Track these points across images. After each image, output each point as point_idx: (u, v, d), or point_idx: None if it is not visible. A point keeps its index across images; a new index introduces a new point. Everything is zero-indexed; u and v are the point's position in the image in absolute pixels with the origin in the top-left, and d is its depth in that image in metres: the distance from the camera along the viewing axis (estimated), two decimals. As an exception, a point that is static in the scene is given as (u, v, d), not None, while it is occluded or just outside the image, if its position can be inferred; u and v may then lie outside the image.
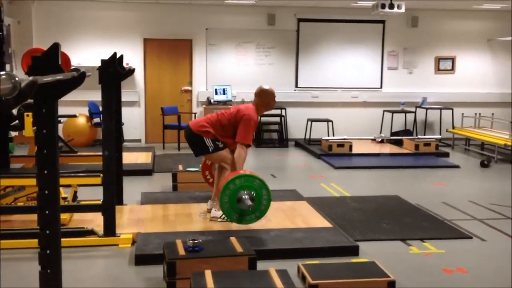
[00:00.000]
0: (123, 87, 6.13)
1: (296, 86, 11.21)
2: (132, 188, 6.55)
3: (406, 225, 5.41)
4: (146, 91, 10.86)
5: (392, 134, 11.03)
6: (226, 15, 10.81)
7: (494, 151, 9.40)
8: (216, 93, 10.64)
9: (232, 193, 4.74)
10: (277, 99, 11.38)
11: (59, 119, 4.89)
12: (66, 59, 6.15)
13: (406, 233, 5.16)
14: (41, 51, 2.81)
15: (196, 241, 3.93)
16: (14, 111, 5.79)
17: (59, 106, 2.76)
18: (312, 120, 10.77)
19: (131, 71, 6.41)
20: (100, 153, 4.92)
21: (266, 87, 5.44)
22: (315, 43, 11.16)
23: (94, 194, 5.74)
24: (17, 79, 1.74)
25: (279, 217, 5.39)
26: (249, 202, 4.71)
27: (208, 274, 3.45)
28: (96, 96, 6.58)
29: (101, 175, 4.88)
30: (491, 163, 8.97)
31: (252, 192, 4.77)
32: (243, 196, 4.73)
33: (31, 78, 1.95)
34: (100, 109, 5.02)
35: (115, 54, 5.01)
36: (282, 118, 10.89)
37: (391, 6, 9.34)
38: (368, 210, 5.96)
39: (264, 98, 5.37)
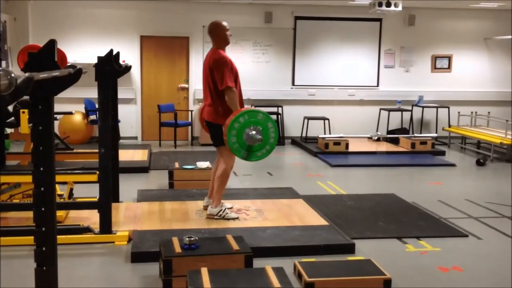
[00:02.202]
0: (119, 84, 6.12)
1: (293, 84, 11.20)
2: (128, 185, 6.53)
3: (402, 223, 5.42)
4: (143, 89, 10.84)
5: (389, 132, 11.04)
6: (223, 13, 10.78)
7: (490, 150, 9.42)
8: (213, 91, 10.61)
9: (239, 131, 4.69)
10: (274, 97, 11.45)
11: (55, 116, 4.88)
12: (62, 56, 6.13)
13: (402, 231, 5.17)
14: (37, 48, 2.80)
15: (192, 239, 3.93)
16: (10, 108, 5.77)
17: (55, 103, 2.75)
18: (309, 118, 10.78)
19: (127, 68, 6.39)
20: (96, 151, 4.91)
21: (213, 21, 5.24)
22: (312, 41, 11.15)
23: (90, 192, 5.74)
24: (13, 75, 1.73)
25: (276, 215, 5.39)
26: (258, 136, 4.67)
27: (204, 272, 3.45)
28: (92, 93, 6.58)
29: (97, 172, 4.87)
30: (487, 161, 8.99)
31: (259, 127, 4.72)
32: (250, 132, 4.68)
33: (27, 74, 1.94)
34: (96, 106, 5.01)
35: (111, 51, 5.00)
36: (279, 116, 10.88)
37: (388, 5, 9.35)
38: (364, 208, 5.97)
39: (216, 32, 5.17)
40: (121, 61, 6.08)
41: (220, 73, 4.98)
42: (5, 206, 5.00)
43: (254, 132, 4.69)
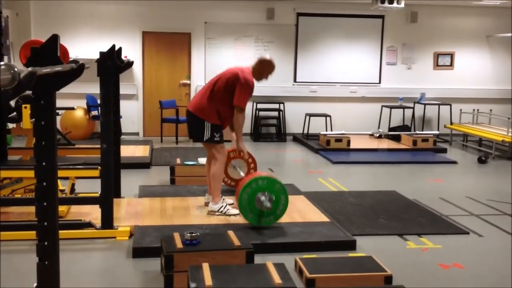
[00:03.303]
0: (121, 80, 6.11)
1: (295, 80, 11.20)
2: (129, 181, 6.54)
3: (403, 220, 5.42)
4: (144, 85, 10.84)
5: (390, 129, 11.04)
6: (225, 9, 10.79)
7: (491, 147, 9.42)
8: (215, 87, 10.62)
9: (252, 192, 4.74)
10: (276, 94, 11.42)
11: (57, 111, 4.89)
12: (64, 52, 6.14)
13: (403, 228, 5.17)
14: (39, 43, 2.80)
15: (193, 235, 3.93)
16: (12, 103, 5.77)
17: (57, 99, 2.75)
18: (310, 115, 10.77)
19: (129, 64, 6.38)
20: (98, 146, 4.92)
21: (268, 57, 5.39)
22: (314, 38, 11.14)
23: (91, 187, 5.75)
24: (16, 69, 1.73)
25: (277, 211, 5.38)
26: (268, 204, 4.70)
27: (205, 267, 3.45)
28: (94, 89, 6.59)
29: (99, 167, 4.87)
30: (489, 159, 8.98)
31: (272, 195, 4.76)
32: (262, 197, 4.73)
33: (30, 69, 1.94)
34: (98, 102, 5.01)
35: (113, 46, 4.99)
36: (281, 112, 10.89)
37: (391, 1, 9.33)
38: (365, 205, 5.97)
39: (264, 68, 5.33)
40: (123, 57, 6.07)
41: (242, 92, 5.13)
42: (7, 200, 5.01)
43: (265, 198, 4.73)
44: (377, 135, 10.64)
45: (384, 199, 6.25)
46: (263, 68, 5.34)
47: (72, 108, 8.52)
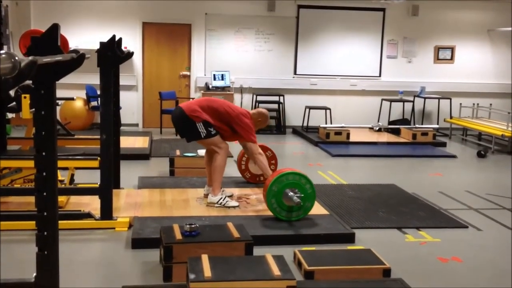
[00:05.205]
0: (121, 71, 6.09)
1: (295, 73, 11.18)
2: (129, 172, 6.53)
3: (402, 214, 5.42)
4: (144, 76, 10.82)
5: (390, 123, 11.03)
6: (226, 1, 10.75)
7: (491, 142, 9.42)
8: (215, 79, 10.61)
9: (280, 188, 4.73)
10: (276, 86, 11.39)
11: (57, 101, 4.87)
12: (65, 42, 6.11)
13: (402, 222, 5.18)
14: (39, 33, 2.79)
15: (193, 226, 3.93)
16: (11, 93, 5.76)
17: (57, 89, 2.73)
18: (310, 108, 10.76)
19: (129, 55, 6.36)
20: (98, 137, 4.91)
21: (267, 113, 5.62)
22: (315, 30, 11.11)
23: (91, 178, 5.74)
24: (17, 58, 1.72)
25: (276, 204, 5.38)
26: (296, 199, 4.68)
27: (204, 258, 3.46)
28: (94, 79, 6.56)
29: (99, 158, 4.87)
30: (488, 153, 8.98)
31: (296, 190, 4.75)
32: (289, 193, 4.72)
33: (30, 58, 1.93)
34: (98, 92, 5.00)
35: (113, 37, 4.97)
36: (280, 105, 10.87)
37: (392, -6, 9.30)
38: (364, 198, 5.97)
39: (262, 121, 5.55)
40: (123, 47, 6.05)
41: (249, 131, 5.26)
42: (6, 190, 5.01)
43: (291, 194, 4.71)
44: (377, 128, 10.64)
45: (384, 192, 6.26)
46: (262, 121, 5.55)
47: (72, 99, 8.50)
